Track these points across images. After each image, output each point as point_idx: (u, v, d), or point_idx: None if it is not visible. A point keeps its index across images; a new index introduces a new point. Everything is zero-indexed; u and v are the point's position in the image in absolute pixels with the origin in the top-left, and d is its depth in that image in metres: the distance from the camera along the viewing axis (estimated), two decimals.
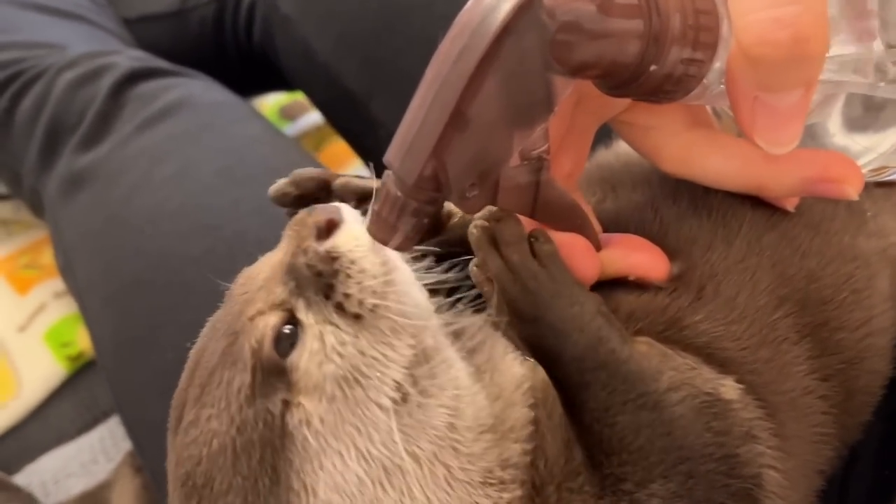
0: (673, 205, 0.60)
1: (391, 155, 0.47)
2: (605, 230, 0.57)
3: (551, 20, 0.41)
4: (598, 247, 0.55)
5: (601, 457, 0.50)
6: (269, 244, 0.55)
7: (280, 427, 0.48)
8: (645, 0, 0.43)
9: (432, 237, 0.60)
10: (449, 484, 0.49)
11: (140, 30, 1.33)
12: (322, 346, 0.49)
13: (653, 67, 0.44)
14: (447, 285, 0.56)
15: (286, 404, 0.49)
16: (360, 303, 0.49)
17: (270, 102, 1.56)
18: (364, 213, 0.53)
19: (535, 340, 0.51)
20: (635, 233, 0.57)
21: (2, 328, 1.23)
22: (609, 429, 0.49)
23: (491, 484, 0.51)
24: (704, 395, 0.50)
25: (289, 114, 1.54)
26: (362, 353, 0.49)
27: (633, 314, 0.57)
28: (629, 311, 0.57)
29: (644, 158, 0.58)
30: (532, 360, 0.53)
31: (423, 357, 0.51)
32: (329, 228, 0.52)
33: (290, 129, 1.52)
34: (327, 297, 0.50)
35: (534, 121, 0.45)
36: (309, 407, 0.48)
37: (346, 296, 0.49)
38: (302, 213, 0.53)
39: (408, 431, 0.49)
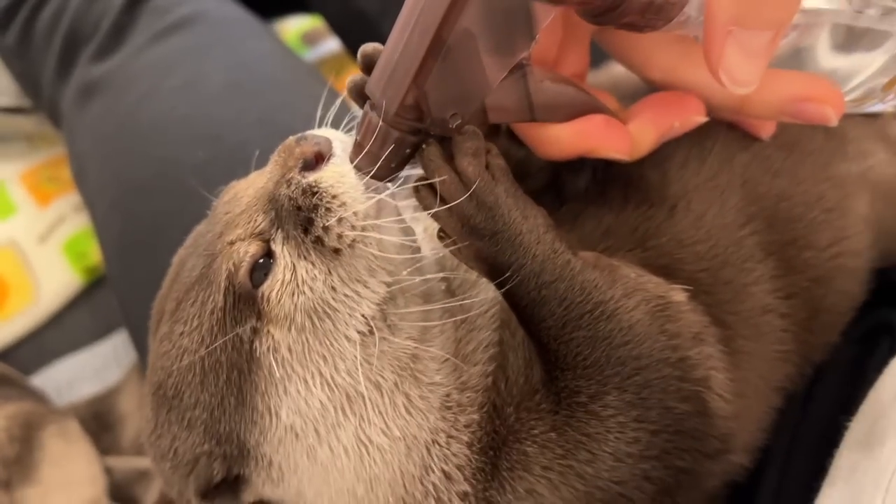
0: None
1: (373, 84, 0.47)
2: None
3: None
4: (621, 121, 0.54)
5: (556, 372, 0.51)
6: (269, 156, 0.55)
7: (248, 352, 0.51)
8: None
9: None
10: (408, 411, 0.52)
11: None
12: (293, 277, 0.50)
13: None
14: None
15: (255, 331, 0.51)
16: (340, 237, 0.50)
17: (292, 28, 1.56)
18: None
19: (491, 258, 0.50)
20: None
21: (23, 238, 1.27)
22: (565, 345, 0.50)
23: (448, 407, 0.53)
24: (657, 299, 0.51)
25: (310, 40, 1.55)
26: (333, 289, 0.50)
27: (609, 230, 0.58)
28: (606, 228, 0.58)
29: (630, 70, 0.58)
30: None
31: (397, 292, 0.52)
32: (317, 160, 0.52)
33: (311, 54, 1.52)
34: (306, 231, 0.51)
35: (515, 49, 0.45)
36: (277, 336, 0.51)
37: (326, 229, 0.50)
38: (291, 139, 0.54)
39: (372, 362, 0.51)
